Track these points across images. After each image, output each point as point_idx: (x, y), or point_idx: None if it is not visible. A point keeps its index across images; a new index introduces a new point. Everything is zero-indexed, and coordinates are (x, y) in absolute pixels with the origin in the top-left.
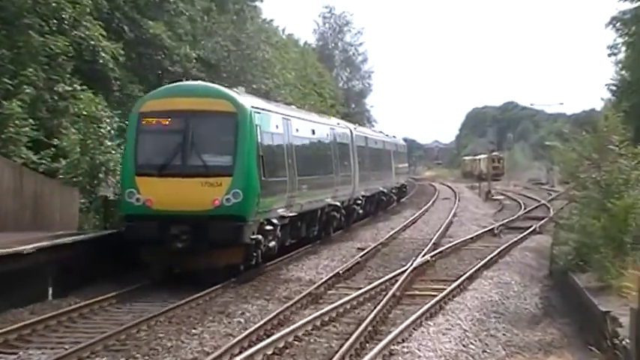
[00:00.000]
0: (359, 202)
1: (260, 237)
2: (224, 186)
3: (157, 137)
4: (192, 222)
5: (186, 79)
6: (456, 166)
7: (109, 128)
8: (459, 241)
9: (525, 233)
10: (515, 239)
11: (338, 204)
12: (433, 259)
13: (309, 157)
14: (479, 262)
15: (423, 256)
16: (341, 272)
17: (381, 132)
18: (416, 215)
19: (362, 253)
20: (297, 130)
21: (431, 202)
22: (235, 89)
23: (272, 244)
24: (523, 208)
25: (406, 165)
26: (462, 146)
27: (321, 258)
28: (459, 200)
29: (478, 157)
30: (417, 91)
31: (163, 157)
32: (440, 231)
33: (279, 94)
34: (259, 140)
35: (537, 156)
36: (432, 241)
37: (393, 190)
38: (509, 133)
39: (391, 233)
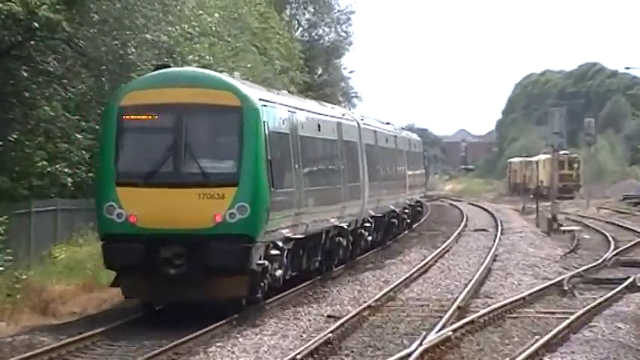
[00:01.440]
0: (367, 224)
1: (267, 263)
2: (227, 198)
3: (143, 137)
4: (187, 243)
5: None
6: (496, 174)
7: None
8: (502, 303)
9: (617, 290)
10: (601, 301)
11: (344, 226)
12: (457, 334)
13: (315, 162)
14: (537, 341)
15: (440, 329)
16: None
17: (388, 123)
18: (429, 258)
19: (336, 325)
20: (302, 126)
21: (454, 236)
22: (231, 75)
23: (278, 273)
24: (613, 246)
25: (422, 171)
26: (508, 141)
27: (264, 333)
28: (501, 233)
29: (535, 158)
30: (428, 55)
31: (151, 162)
32: (470, 286)
33: (193, 49)
34: (268, 141)
35: (637, 157)
36: (456, 303)
37: (406, 210)
38: (589, 117)
39: (386, 290)
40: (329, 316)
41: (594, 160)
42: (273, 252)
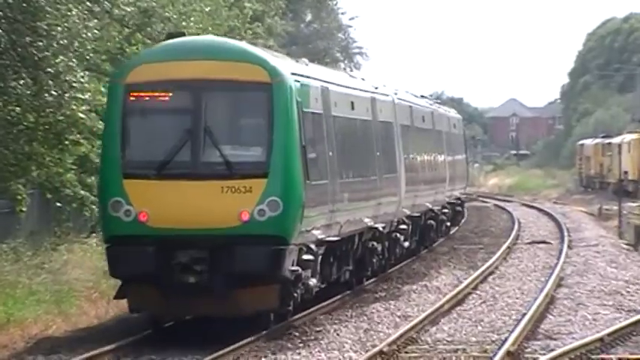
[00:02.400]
0: (403, 227)
1: (300, 270)
2: (256, 192)
3: (154, 120)
4: (208, 246)
5: None
6: (561, 162)
7: None
8: (570, 347)
9: None
10: None
11: (380, 228)
12: None
13: (350, 148)
14: None
15: None
16: None
17: (423, 96)
18: (465, 284)
19: None
20: (335, 104)
21: (502, 252)
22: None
23: (312, 282)
24: None
25: (464, 158)
26: (577, 115)
27: None
28: (569, 246)
29: (617, 140)
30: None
31: (164, 150)
32: (524, 322)
33: None
34: (302, 124)
35: None
36: (505, 346)
37: (445, 210)
38: None
39: (404, 329)
40: None
41: None
42: (306, 257)
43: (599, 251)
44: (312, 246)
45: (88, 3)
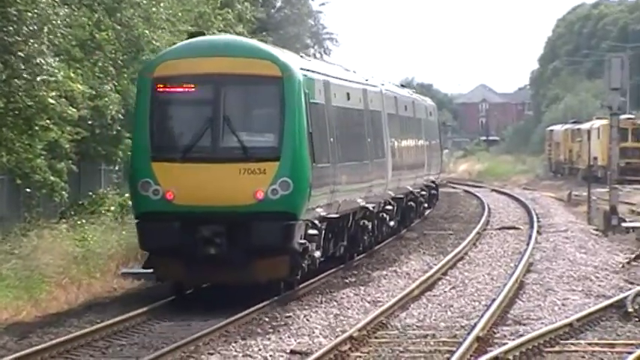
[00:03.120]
0: (389, 207)
1: (307, 243)
2: (269, 173)
3: (178, 110)
4: (228, 221)
5: None
6: (531, 148)
7: None
8: (539, 332)
9: None
10: None
11: (371, 207)
12: None
13: (346, 135)
14: None
15: None
16: None
17: (403, 86)
18: (435, 269)
19: None
20: (334, 95)
21: (471, 237)
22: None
23: (317, 254)
24: None
25: (438, 142)
26: (547, 101)
27: None
28: (538, 232)
29: (586, 126)
30: None
31: (187, 136)
32: (493, 308)
33: None
34: (308, 113)
35: None
36: (475, 332)
37: (423, 192)
38: None
39: (374, 314)
40: (293, 352)
41: None
42: (312, 231)
43: (568, 237)
44: (317, 222)
45: None
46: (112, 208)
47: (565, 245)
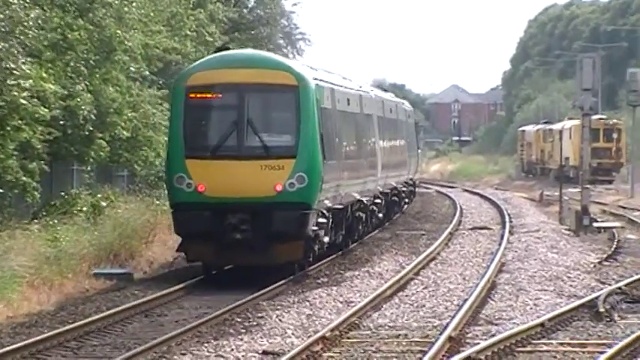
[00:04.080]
0: (378, 201)
1: (317, 230)
2: (287, 169)
3: (208, 114)
4: (251, 210)
5: None
6: (503, 148)
7: None
8: (511, 332)
9: None
10: None
11: (365, 201)
12: None
13: (347, 135)
14: None
15: None
16: None
17: (386, 90)
18: (407, 269)
19: None
20: (338, 101)
21: (444, 238)
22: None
23: (325, 239)
24: None
25: (415, 143)
26: (519, 101)
27: None
28: (510, 232)
29: (558, 126)
30: None
31: (216, 136)
32: (465, 308)
33: None
34: (319, 117)
35: None
36: (447, 332)
37: (404, 188)
38: (633, 68)
39: (347, 315)
40: (265, 353)
41: None
42: (321, 220)
43: (540, 237)
44: (325, 212)
45: None
46: (85, 209)
47: (537, 245)
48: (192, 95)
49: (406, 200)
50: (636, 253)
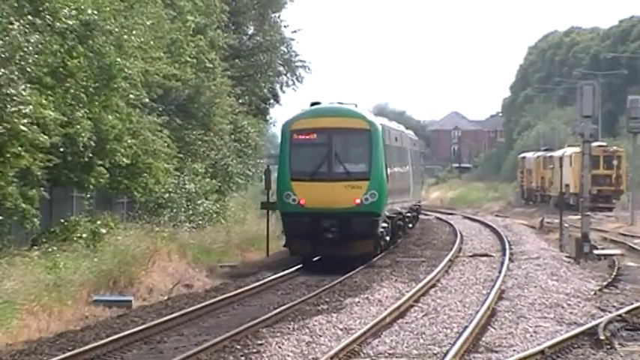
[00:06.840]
0: (408, 214)
1: (382, 231)
2: (363, 188)
3: (307, 149)
4: (338, 217)
5: None
6: (503, 175)
7: None
8: (511, 359)
9: None
10: None
11: (403, 212)
12: None
13: (393, 164)
14: None
15: None
16: None
17: (393, 121)
18: (407, 296)
19: None
20: (390, 139)
21: (444, 265)
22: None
23: (387, 238)
24: None
25: (421, 170)
26: (519, 128)
27: None
28: (510, 259)
29: (558, 153)
30: (406, 8)
31: (313, 165)
32: (465, 335)
33: (68, 1)
34: (384, 151)
35: None
36: (447, 359)
37: (409, 213)
38: (634, 95)
39: (346, 342)
40: None
41: None
42: (384, 224)
43: (540, 264)
44: (386, 219)
45: (29, 17)
46: (84, 236)
47: (537, 272)
48: (295, 136)
49: (409, 225)
50: (637, 281)
